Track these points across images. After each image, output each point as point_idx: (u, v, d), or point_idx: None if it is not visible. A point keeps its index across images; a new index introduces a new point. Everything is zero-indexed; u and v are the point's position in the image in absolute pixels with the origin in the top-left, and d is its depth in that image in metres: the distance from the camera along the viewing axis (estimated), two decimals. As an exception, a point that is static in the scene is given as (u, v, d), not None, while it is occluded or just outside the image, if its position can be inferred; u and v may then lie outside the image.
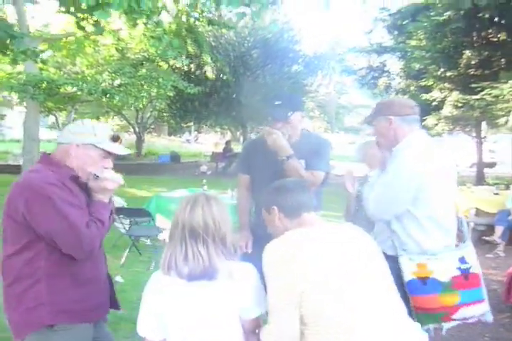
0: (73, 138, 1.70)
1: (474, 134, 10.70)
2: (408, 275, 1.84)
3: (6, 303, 1.66)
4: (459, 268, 1.88)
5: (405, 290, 1.80)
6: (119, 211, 4.83)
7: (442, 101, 9.00)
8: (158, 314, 1.43)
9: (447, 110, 8.67)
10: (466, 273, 1.88)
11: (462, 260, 1.89)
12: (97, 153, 1.71)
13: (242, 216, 2.60)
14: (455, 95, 8.52)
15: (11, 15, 11.63)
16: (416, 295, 1.83)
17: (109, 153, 1.74)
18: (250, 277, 1.48)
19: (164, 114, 17.37)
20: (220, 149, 17.20)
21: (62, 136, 1.75)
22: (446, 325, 1.89)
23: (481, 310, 1.91)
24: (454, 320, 1.87)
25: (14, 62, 5.07)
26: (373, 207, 1.97)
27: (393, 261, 1.77)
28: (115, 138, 1.84)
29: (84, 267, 1.66)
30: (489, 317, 1.95)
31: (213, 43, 14.25)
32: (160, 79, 11.21)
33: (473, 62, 8.41)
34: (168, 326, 1.43)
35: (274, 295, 1.41)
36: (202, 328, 1.42)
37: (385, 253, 1.88)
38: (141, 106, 13.86)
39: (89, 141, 1.69)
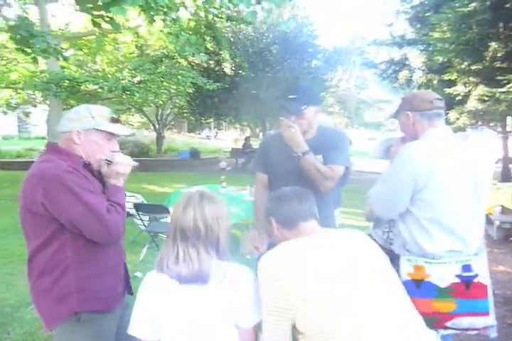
0: (72, 125, 1.65)
1: (500, 129, 10.40)
2: (403, 276, 1.78)
3: (34, 296, 1.68)
4: (460, 276, 1.77)
5: None
6: (139, 207, 4.88)
7: (466, 96, 8.76)
8: (153, 314, 1.39)
9: (472, 104, 8.43)
10: (468, 282, 1.77)
11: (467, 268, 1.78)
12: (100, 136, 1.67)
13: (259, 216, 2.56)
14: (480, 89, 8.27)
15: (33, 15, 11.86)
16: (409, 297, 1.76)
17: (112, 135, 1.69)
18: (245, 280, 1.42)
19: (184, 111, 17.46)
20: (239, 145, 17.21)
21: (62, 124, 1.69)
22: (442, 332, 1.77)
23: (482, 323, 1.78)
24: (449, 328, 1.77)
25: (35, 60, 5.15)
26: (375, 205, 1.93)
27: (396, 260, 1.75)
28: (115, 120, 1.82)
29: (108, 254, 1.67)
30: (492, 333, 1.81)
31: (232, 39, 14.22)
32: (179, 76, 11.27)
33: (499, 55, 8.14)
34: (163, 326, 1.40)
35: (267, 305, 1.37)
36: (194, 330, 1.38)
37: (393, 252, 1.86)
38: (160, 102, 13.96)
39: (89, 125, 1.65)
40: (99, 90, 10.89)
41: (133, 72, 11.93)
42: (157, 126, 18.27)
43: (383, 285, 1.42)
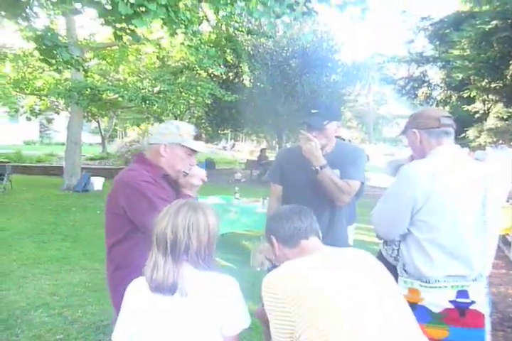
0: (161, 138, 1.89)
1: (520, 148, 10.23)
2: None
3: (110, 287, 1.91)
4: (454, 302, 1.71)
5: None
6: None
7: (485, 113, 8.67)
8: (131, 320, 1.40)
9: (491, 122, 8.34)
10: (462, 309, 1.71)
11: (463, 293, 1.72)
12: (183, 151, 1.89)
13: None
14: (499, 107, 8.19)
15: (61, 25, 12.22)
16: None
17: (193, 151, 1.91)
18: (225, 289, 1.40)
19: (202, 121, 17.65)
20: (254, 157, 17.24)
21: (152, 137, 1.94)
22: None
23: None
24: None
25: (58, 71, 5.31)
26: (378, 224, 1.88)
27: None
28: (197, 137, 2.04)
29: None
30: None
31: (252, 52, 14.38)
32: (198, 87, 11.42)
33: (520, 73, 8.07)
34: (138, 333, 1.39)
35: (272, 323, 1.37)
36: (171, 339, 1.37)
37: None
38: (179, 112, 14.12)
39: (176, 140, 1.87)
40: (120, 99, 11.09)
41: (153, 82, 12.14)
42: (175, 136, 18.45)
43: (388, 305, 1.38)
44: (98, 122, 20.54)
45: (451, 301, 1.72)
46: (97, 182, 11.22)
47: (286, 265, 1.45)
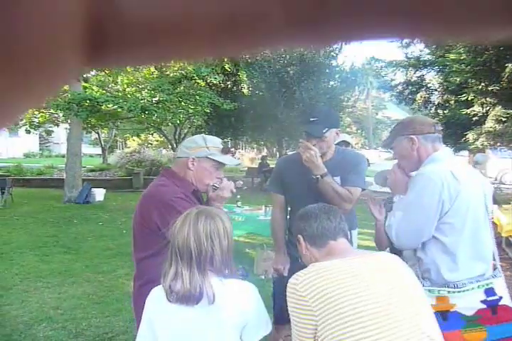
0: (189, 152, 1.89)
1: (520, 150, 10.25)
2: None
3: (137, 301, 1.79)
4: (485, 301, 1.70)
5: None
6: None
7: (484, 116, 8.69)
8: (152, 328, 1.40)
9: (489, 125, 8.36)
10: (493, 307, 1.70)
11: (490, 292, 1.71)
12: (211, 164, 1.89)
13: (278, 238, 2.55)
14: (498, 110, 8.21)
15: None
16: None
17: (220, 164, 1.91)
18: (246, 297, 1.40)
19: (202, 130, 17.67)
20: (255, 164, 17.24)
21: (180, 151, 1.97)
22: None
23: None
24: None
25: None
26: (398, 235, 1.78)
27: None
28: (226, 151, 2.02)
29: None
30: None
31: (249, 60, 14.45)
32: (197, 96, 11.46)
33: (517, 76, 8.11)
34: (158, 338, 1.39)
35: (294, 324, 1.36)
36: None
37: None
38: (178, 122, 14.15)
39: (203, 154, 1.88)
40: (119, 110, 11.12)
41: (152, 92, 12.18)
42: (175, 145, 18.49)
43: (416, 311, 1.36)
44: (98, 133, 20.57)
45: (482, 301, 1.70)
46: (99, 194, 11.21)
47: (314, 266, 1.42)
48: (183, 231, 1.37)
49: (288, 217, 2.57)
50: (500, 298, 1.72)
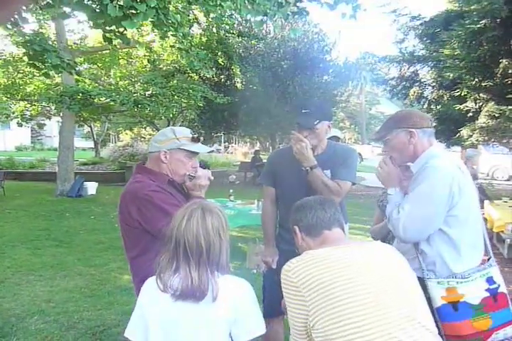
0: (160, 145, 1.90)
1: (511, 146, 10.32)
2: (438, 301, 1.70)
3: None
4: (488, 290, 1.75)
5: (435, 316, 1.63)
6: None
7: (477, 112, 8.72)
8: (146, 323, 1.39)
9: (482, 120, 8.39)
10: (494, 294, 1.76)
11: (490, 280, 1.77)
12: (183, 154, 1.90)
13: (267, 231, 2.55)
14: (491, 105, 8.24)
15: (50, 30, 12.16)
16: (448, 322, 1.68)
17: (193, 153, 1.92)
18: (244, 295, 1.41)
19: (195, 124, 17.61)
20: (248, 159, 17.23)
21: (151, 146, 1.97)
22: None
23: (511, 332, 1.76)
24: None
25: (47, 75, 5.26)
26: (408, 228, 1.75)
27: (420, 284, 1.65)
28: (196, 140, 2.03)
29: None
30: None
31: (243, 54, 14.39)
32: (190, 90, 11.41)
33: (510, 71, 8.13)
34: (151, 334, 1.38)
35: (290, 311, 1.38)
36: None
37: None
38: (171, 115, 14.09)
39: (174, 145, 1.89)
40: (112, 103, 11.04)
41: (145, 85, 12.10)
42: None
43: (411, 301, 1.39)
44: (90, 127, 20.43)
45: (486, 290, 1.75)
46: (91, 187, 11.16)
47: (307, 253, 1.44)
48: (191, 228, 1.37)
49: (278, 210, 2.58)
50: (499, 285, 1.78)
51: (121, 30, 3.68)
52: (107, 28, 3.62)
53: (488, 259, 1.86)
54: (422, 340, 1.31)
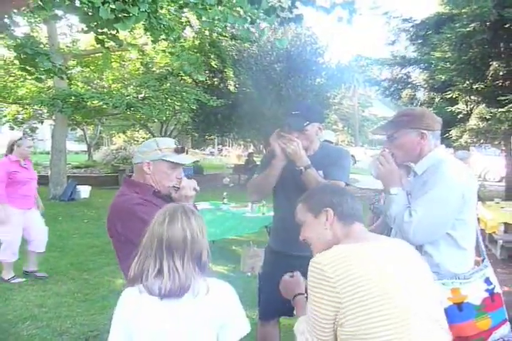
0: (143, 157, 1.91)
1: (503, 147, 10.40)
2: (445, 302, 1.70)
3: None
4: (487, 290, 1.78)
5: None
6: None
7: (468, 114, 8.80)
8: (128, 329, 1.36)
9: (473, 122, 8.47)
10: (492, 294, 1.78)
11: (487, 281, 1.80)
12: (167, 165, 1.89)
13: (260, 176, 2.44)
14: (482, 108, 8.31)
15: (42, 33, 12.09)
16: (454, 324, 1.65)
17: (176, 164, 1.91)
18: (227, 295, 1.41)
19: (188, 127, 17.59)
20: (242, 161, 17.23)
21: (135, 157, 1.98)
22: None
23: (506, 331, 1.79)
24: None
25: (39, 80, 5.24)
26: (419, 232, 1.74)
27: None
28: (180, 150, 2.02)
29: None
30: None
31: (236, 57, 14.40)
32: (183, 93, 11.40)
33: (500, 74, 8.21)
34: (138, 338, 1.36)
35: (316, 311, 1.33)
36: None
37: None
38: (164, 118, 14.07)
39: (157, 156, 1.89)
40: (105, 106, 11.00)
41: (138, 88, 12.08)
42: (161, 142, 18.37)
43: (431, 300, 1.41)
44: (83, 130, 20.33)
45: (485, 290, 1.78)
46: (84, 191, 11.09)
47: (338, 248, 1.39)
48: (175, 226, 1.37)
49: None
50: (495, 286, 1.81)
51: (113, 32, 3.68)
52: (99, 30, 3.61)
53: (483, 260, 1.88)
54: None
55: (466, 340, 1.71)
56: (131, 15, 3.12)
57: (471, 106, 8.80)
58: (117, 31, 3.60)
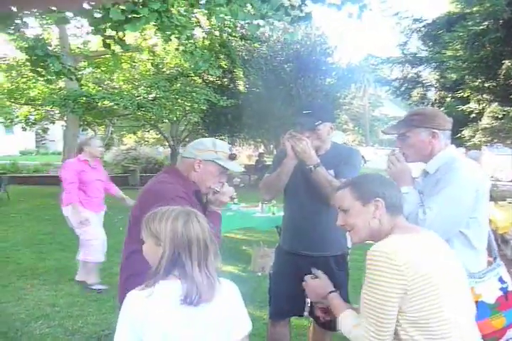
0: (196, 154, 1.91)
1: (516, 146, 10.29)
2: None
3: (121, 294, 1.69)
4: (502, 289, 1.78)
5: None
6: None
7: (480, 113, 8.70)
8: (137, 332, 1.28)
9: (485, 121, 8.38)
10: (506, 293, 1.78)
11: (501, 279, 1.80)
12: (216, 168, 1.92)
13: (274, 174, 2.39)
14: (494, 106, 8.22)
15: (53, 35, 12.22)
16: None
17: (225, 169, 1.94)
18: (235, 293, 1.41)
19: (198, 127, 17.63)
20: (252, 162, 17.22)
21: (187, 151, 1.98)
22: None
23: None
24: None
25: (49, 81, 5.29)
26: (435, 228, 1.72)
27: None
28: (232, 157, 2.05)
29: None
30: None
31: (246, 57, 14.42)
32: (194, 93, 11.44)
33: (513, 72, 8.12)
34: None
35: (382, 299, 1.35)
36: None
37: None
38: (174, 119, 14.13)
39: (211, 157, 1.90)
40: (115, 107, 11.09)
41: (148, 89, 12.14)
42: (171, 143, 18.47)
43: (466, 291, 1.49)
44: (94, 131, 20.49)
45: (500, 289, 1.78)
46: (95, 191, 11.15)
47: (394, 237, 1.44)
48: (192, 228, 1.33)
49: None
50: (508, 284, 1.81)
51: (121, 35, 3.70)
52: (107, 33, 3.63)
53: (495, 259, 1.88)
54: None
55: (482, 339, 1.69)
56: (141, 16, 3.14)
57: (484, 104, 8.71)
58: (124, 34, 3.61)
